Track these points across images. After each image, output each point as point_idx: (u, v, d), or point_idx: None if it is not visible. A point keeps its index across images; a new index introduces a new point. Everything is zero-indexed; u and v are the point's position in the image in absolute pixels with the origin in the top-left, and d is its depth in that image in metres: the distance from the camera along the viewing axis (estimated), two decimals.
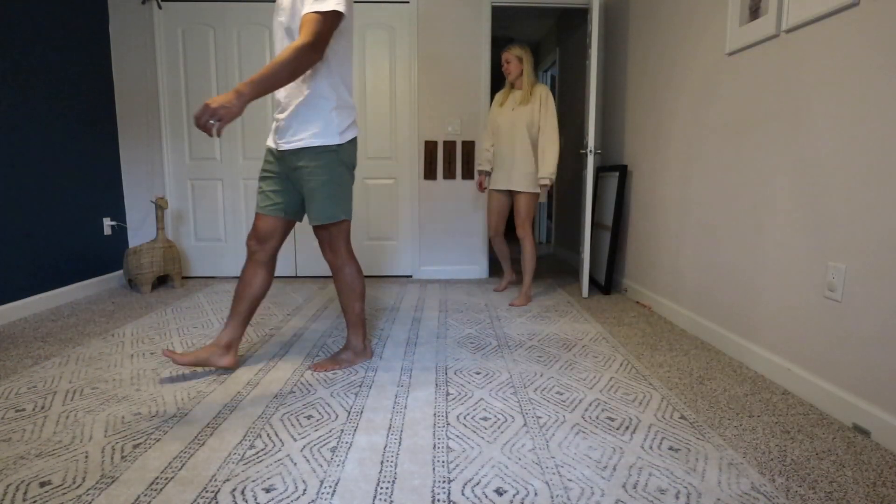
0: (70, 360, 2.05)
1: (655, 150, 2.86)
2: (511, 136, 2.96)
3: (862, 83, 1.52)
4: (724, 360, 2.10)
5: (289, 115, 1.77)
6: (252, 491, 1.20)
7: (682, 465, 1.31)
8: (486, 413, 1.61)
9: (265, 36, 3.59)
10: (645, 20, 3.00)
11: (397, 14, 3.59)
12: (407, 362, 2.05)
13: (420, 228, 3.79)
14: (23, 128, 2.73)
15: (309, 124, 1.75)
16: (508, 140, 2.97)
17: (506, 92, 3.08)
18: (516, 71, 2.97)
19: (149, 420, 1.55)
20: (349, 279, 1.92)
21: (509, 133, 2.97)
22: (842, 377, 1.59)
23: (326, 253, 1.90)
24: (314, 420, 1.56)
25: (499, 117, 3.04)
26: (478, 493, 1.20)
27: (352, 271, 1.92)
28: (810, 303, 1.72)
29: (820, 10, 1.64)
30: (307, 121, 1.75)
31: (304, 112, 1.75)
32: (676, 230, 2.63)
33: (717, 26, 2.25)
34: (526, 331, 2.47)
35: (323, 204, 1.81)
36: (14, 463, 1.31)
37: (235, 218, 3.76)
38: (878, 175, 1.46)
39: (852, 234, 1.55)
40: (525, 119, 2.93)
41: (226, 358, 1.89)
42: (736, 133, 2.12)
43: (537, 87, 2.96)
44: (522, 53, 2.96)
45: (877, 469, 1.31)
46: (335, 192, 1.82)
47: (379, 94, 3.67)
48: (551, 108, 2.91)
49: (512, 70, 2.98)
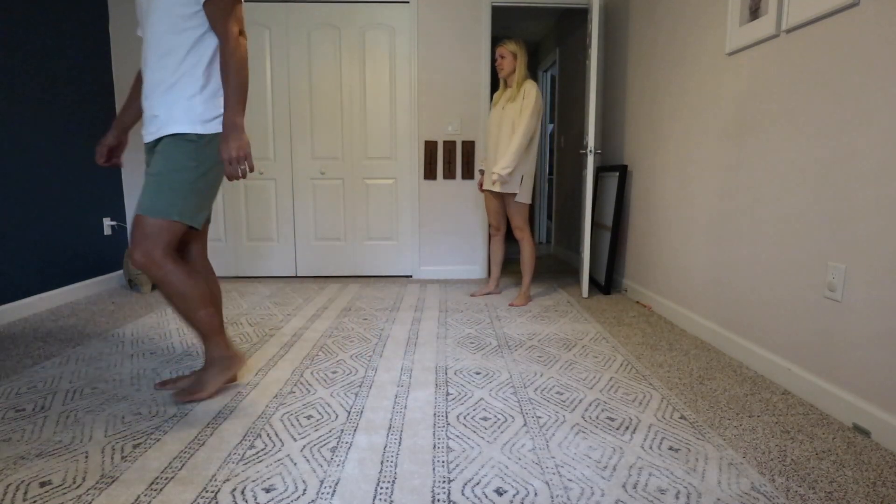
0: (70, 360, 2.05)
1: (655, 150, 2.86)
2: (500, 135, 2.90)
3: (862, 83, 1.52)
4: (724, 360, 2.10)
5: (151, 103, 1.58)
6: (252, 491, 1.20)
7: (682, 465, 1.31)
8: (486, 413, 1.61)
9: (265, 36, 3.59)
10: (645, 20, 3.00)
11: (397, 14, 3.59)
12: (407, 362, 2.05)
13: (420, 228, 3.79)
14: (22, 128, 2.73)
15: (169, 112, 1.55)
16: (499, 140, 2.91)
17: (500, 91, 3.03)
18: (509, 67, 2.87)
19: (149, 420, 1.55)
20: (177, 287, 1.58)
21: (498, 133, 2.91)
22: (842, 377, 1.59)
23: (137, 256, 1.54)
24: (314, 420, 1.56)
25: (492, 117, 3.01)
26: (478, 493, 1.20)
27: (177, 277, 1.58)
28: (810, 303, 1.72)
29: (820, 10, 1.64)
30: (168, 108, 1.55)
31: (166, 99, 1.55)
32: (676, 230, 2.63)
33: (717, 26, 2.25)
34: (526, 331, 2.47)
35: (152, 193, 1.54)
36: (14, 463, 1.31)
37: (235, 218, 3.76)
38: (879, 175, 1.46)
39: (852, 234, 1.55)
40: (511, 118, 2.85)
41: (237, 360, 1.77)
42: (736, 133, 2.12)
43: (525, 85, 2.85)
44: (517, 49, 2.86)
45: (877, 469, 1.31)
46: (172, 185, 1.55)
47: (379, 94, 3.67)
48: (530, 106, 2.78)
49: (505, 66, 2.87)
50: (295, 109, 3.67)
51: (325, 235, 3.81)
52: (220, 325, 1.70)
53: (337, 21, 3.59)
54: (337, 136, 3.71)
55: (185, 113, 1.56)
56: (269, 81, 3.64)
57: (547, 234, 5.96)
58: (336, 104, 3.68)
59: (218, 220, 3.76)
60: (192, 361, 2.05)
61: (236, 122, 1.52)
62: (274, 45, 3.60)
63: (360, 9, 3.58)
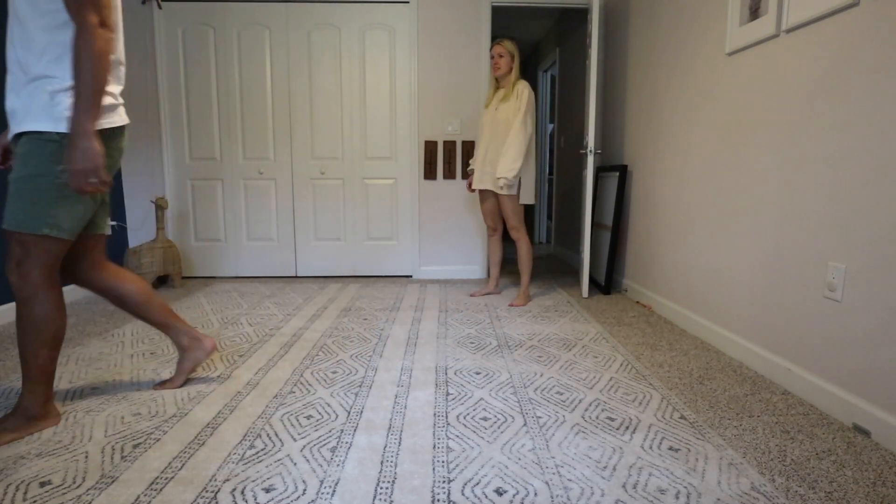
0: (70, 360, 2.05)
1: (655, 150, 2.86)
2: (494, 135, 2.91)
3: (862, 83, 1.52)
4: (724, 360, 2.10)
5: (10, 95, 1.40)
6: (252, 491, 1.20)
7: (682, 465, 1.31)
8: (486, 413, 1.61)
9: (265, 36, 3.59)
10: (645, 20, 3.00)
11: (397, 14, 3.59)
12: (407, 362, 2.05)
13: (420, 228, 3.79)
14: None
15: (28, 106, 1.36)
16: (492, 140, 2.92)
17: (491, 91, 3.03)
18: (506, 67, 2.87)
19: (149, 420, 1.55)
20: (38, 316, 1.40)
21: (492, 133, 2.92)
22: (842, 377, 1.59)
23: (11, 273, 1.38)
24: (314, 420, 1.56)
25: (484, 117, 3.01)
26: (478, 493, 1.20)
27: (44, 308, 1.40)
28: (810, 303, 1.72)
29: (820, 10, 1.64)
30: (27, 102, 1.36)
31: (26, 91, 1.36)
32: (676, 230, 2.63)
33: (717, 26, 2.25)
34: (526, 331, 2.47)
35: (15, 203, 1.36)
36: (14, 463, 1.31)
37: (235, 218, 3.76)
38: (879, 175, 1.46)
39: (852, 234, 1.55)
40: (506, 118, 2.86)
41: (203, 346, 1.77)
42: (736, 133, 2.12)
43: (519, 84, 2.87)
44: (514, 49, 2.88)
45: (877, 469, 1.31)
46: (35, 193, 1.35)
47: (379, 94, 3.67)
48: (525, 105, 2.81)
49: (502, 65, 2.87)
50: (295, 109, 3.67)
51: (325, 235, 3.81)
52: (52, 373, 1.47)
53: (337, 21, 3.59)
54: (337, 136, 3.71)
55: (46, 109, 1.34)
56: (269, 81, 3.64)
57: (547, 234, 5.96)
58: (336, 104, 3.68)
59: (218, 220, 3.76)
60: None
61: (86, 128, 1.29)
62: (274, 45, 3.60)
63: (360, 9, 3.58)
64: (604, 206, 3.50)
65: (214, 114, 3.66)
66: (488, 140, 2.94)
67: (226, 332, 2.45)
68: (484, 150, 2.96)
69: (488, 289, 3.22)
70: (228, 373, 1.93)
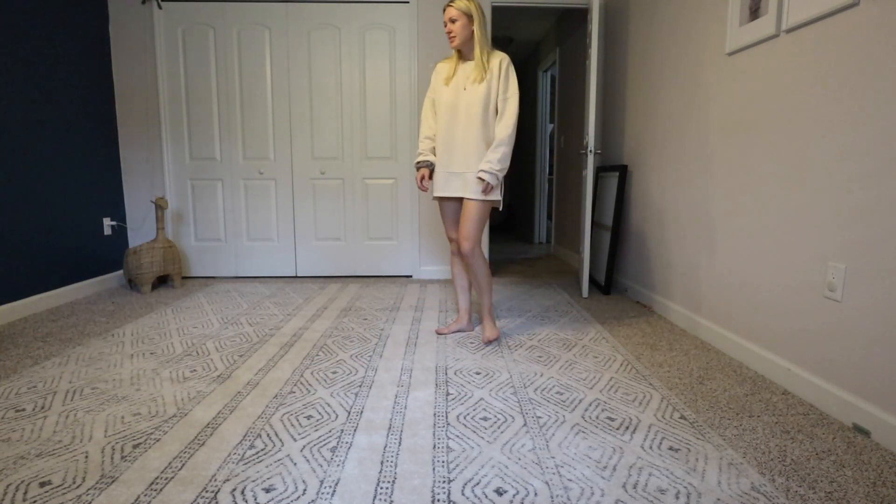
0: (70, 360, 2.05)
1: (655, 150, 2.86)
2: (466, 124, 2.18)
3: (862, 83, 1.52)
4: (724, 360, 2.10)
5: None
6: (252, 491, 1.20)
7: (682, 465, 1.31)
8: (486, 413, 1.61)
9: (265, 36, 3.59)
10: (645, 20, 3.00)
11: (397, 14, 3.59)
12: (407, 362, 2.05)
13: (420, 228, 3.79)
14: (23, 128, 2.73)
15: None
16: (461, 130, 2.19)
17: (452, 63, 2.24)
18: (464, 33, 2.14)
19: (149, 420, 1.55)
20: None
21: (463, 121, 2.18)
22: (842, 377, 1.59)
23: None
24: (314, 420, 1.56)
25: (443, 96, 2.23)
26: (478, 493, 1.20)
27: None
28: (810, 303, 1.72)
29: (820, 10, 1.64)
30: None
31: None
32: (676, 230, 2.63)
33: (717, 26, 2.25)
34: (526, 331, 2.47)
35: None
36: (14, 463, 1.31)
37: (235, 218, 3.76)
38: (879, 175, 1.46)
39: (852, 234, 1.55)
40: (481, 101, 2.15)
41: None
42: (736, 133, 2.12)
43: (495, 57, 2.17)
44: (471, 7, 2.13)
45: (877, 469, 1.31)
46: None
47: (379, 94, 3.67)
48: (513, 86, 2.15)
49: (457, 31, 2.13)
50: (295, 109, 3.67)
51: (325, 235, 3.81)
52: None
53: (337, 21, 3.59)
54: (337, 136, 3.71)
55: None
56: (269, 81, 3.64)
57: (547, 234, 5.96)
58: (336, 104, 3.68)
59: (218, 220, 3.76)
60: (191, 361, 2.05)
61: None
62: (274, 45, 3.60)
63: (360, 9, 3.58)
64: (604, 206, 3.50)
65: (214, 114, 3.66)
66: (460, 132, 2.19)
67: (226, 332, 2.45)
68: (462, 144, 2.19)
69: (459, 324, 2.43)
70: (228, 373, 1.93)
